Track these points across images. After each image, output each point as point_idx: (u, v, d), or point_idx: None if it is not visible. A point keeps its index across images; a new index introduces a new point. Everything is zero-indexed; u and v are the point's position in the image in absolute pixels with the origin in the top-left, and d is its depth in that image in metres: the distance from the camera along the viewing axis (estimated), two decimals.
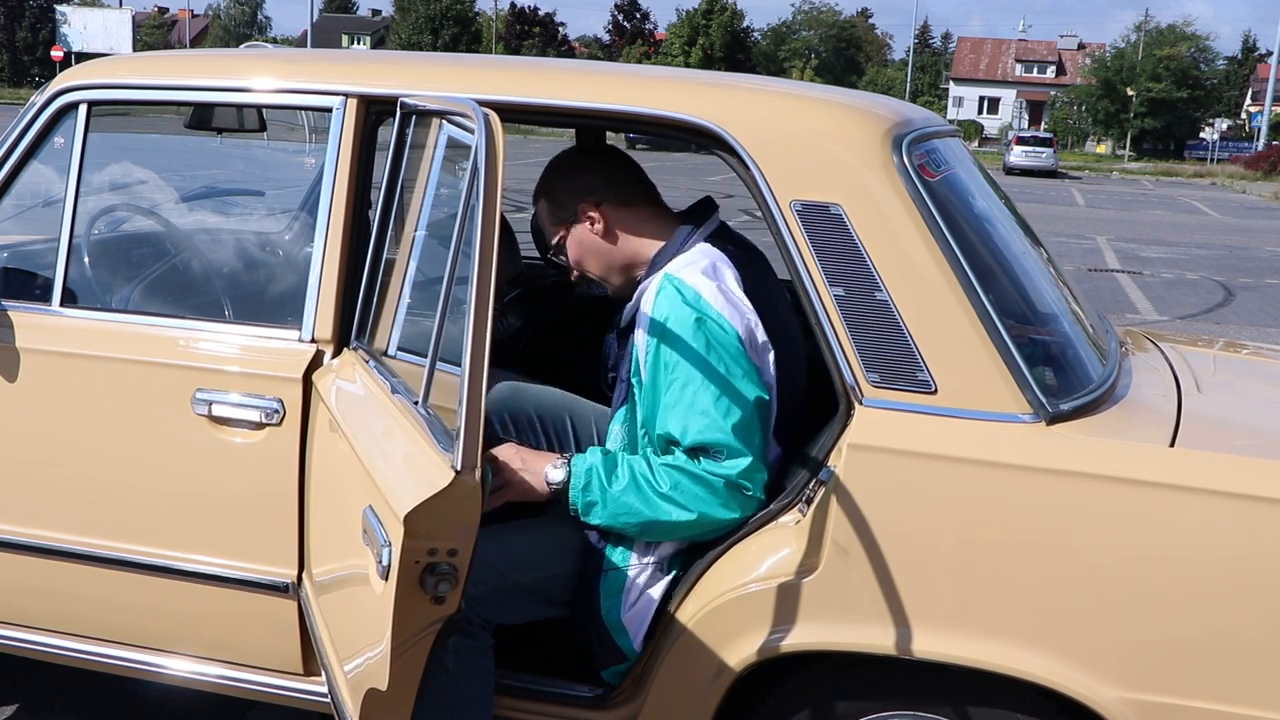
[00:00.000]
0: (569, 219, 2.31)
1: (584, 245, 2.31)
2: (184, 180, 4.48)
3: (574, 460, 2.13)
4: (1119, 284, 11.75)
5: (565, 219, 2.31)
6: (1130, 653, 1.88)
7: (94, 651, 2.49)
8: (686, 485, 2.04)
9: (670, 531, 2.10)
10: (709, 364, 2.05)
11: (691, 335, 2.06)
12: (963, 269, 1.98)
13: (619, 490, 2.07)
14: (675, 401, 2.06)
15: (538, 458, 2.18)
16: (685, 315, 2.07)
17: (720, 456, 2.04)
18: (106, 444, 2.39)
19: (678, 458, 2.07)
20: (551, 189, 2.34)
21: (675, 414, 2.06)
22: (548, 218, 2.36)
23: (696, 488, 2.04)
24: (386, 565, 1.63)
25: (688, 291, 2.09)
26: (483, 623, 2.11)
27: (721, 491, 2.04)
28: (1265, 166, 39.68)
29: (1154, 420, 2.11)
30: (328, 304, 2.29)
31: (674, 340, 2.08)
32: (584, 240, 2.31)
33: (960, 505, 1.92)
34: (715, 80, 2.36)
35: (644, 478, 2.07)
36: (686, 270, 2.14)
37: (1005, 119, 70.99)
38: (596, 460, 2.11)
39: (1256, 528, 1.83)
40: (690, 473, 2.05)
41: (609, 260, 2.31)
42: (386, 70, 2.43)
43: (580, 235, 2.31)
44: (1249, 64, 74.95)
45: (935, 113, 3.26)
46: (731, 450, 2.03)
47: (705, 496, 2.04)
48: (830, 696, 2.08)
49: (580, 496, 2.10)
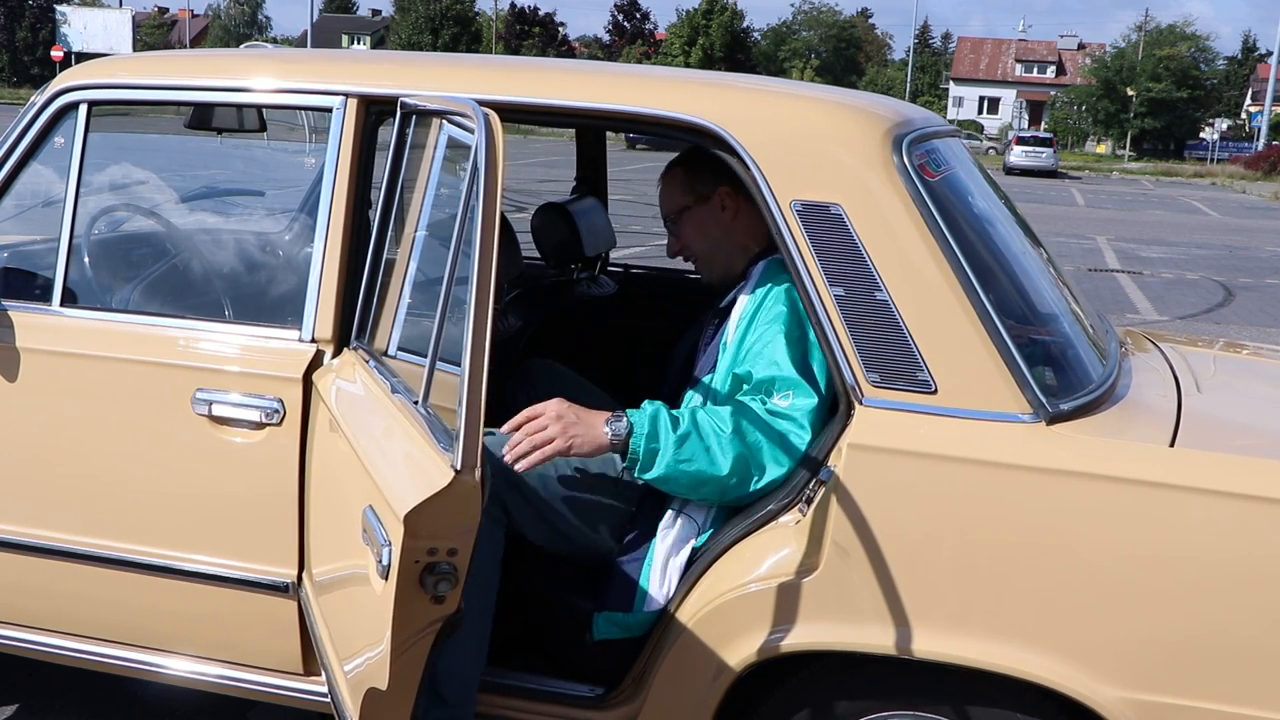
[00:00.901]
0: (704, 194, 2.37)
1: (705, 224, 2.39)
2: (184, 180, 4.48)
3: (632, 412, 2.10)
4: (1119, 284, 11.75)
5: (701, 193, 2.38)
6: (1130, 653, 1.88)
7: (94, 651, 2.49)
8: (746, 427, 2.06)
9: (720, 485, 2.06)
10: (793, 322, 2.13)
11: (784, 299, 2.15)
12: (963, 269, 1.98)
13: (681, 434, 2.05)
14: (755, 351, 2.13)
15: (592, 413, 2.11)
16: (783, 284, 2.17)
17: (786, 398, 2.08)
18: (107, 444, 2.39)
19: (747, 401, 2.11)
20: (696, 162, 2.38)
21: (751, 358, 2.13)
22: (681, 186, 2.42)
23: (755, 431, 2.07)
24: (386, 565, 1.64)
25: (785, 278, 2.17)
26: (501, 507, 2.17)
27: (775, 435, 2.06)
28: (1265, 166, 39.69)
29: (1154, 420, 2.11)
30: (328, 304, 2.29)
31: (766, 303, 2.18)
32: (708, 219, 2.39)
33: (960, 505, 1.92)
34: (715, 80, 2.36)
35: (706, 421, 2.07)
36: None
37: (1005, 119, 70.99)
38: (661, 407, 2.09)
39: (1256, 528, 1.83)
40: (752, 413, 2.08)
41: (720, 245, 2.39)
42: (386, 70, 2.43)
43: (707, 214, 2.38)
44: (1249, 64, 74.92)
45: (935, 113, 3.26)
46: (799, 390, 2.08)
47: (761, 439, 2.06)
48: (830, 696, 2.08)
49: (643, 444, 2.05)
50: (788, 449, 2.07)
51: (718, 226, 2.38)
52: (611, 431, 2.08)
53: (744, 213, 2.34)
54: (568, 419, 2.08)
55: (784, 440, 2.07)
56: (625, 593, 2.18)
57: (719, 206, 2.36)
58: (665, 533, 2.19)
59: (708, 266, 2.44)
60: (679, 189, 2.43)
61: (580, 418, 2.09)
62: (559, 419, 2.07)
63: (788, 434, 2.07)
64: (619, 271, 3.81)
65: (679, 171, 2.44)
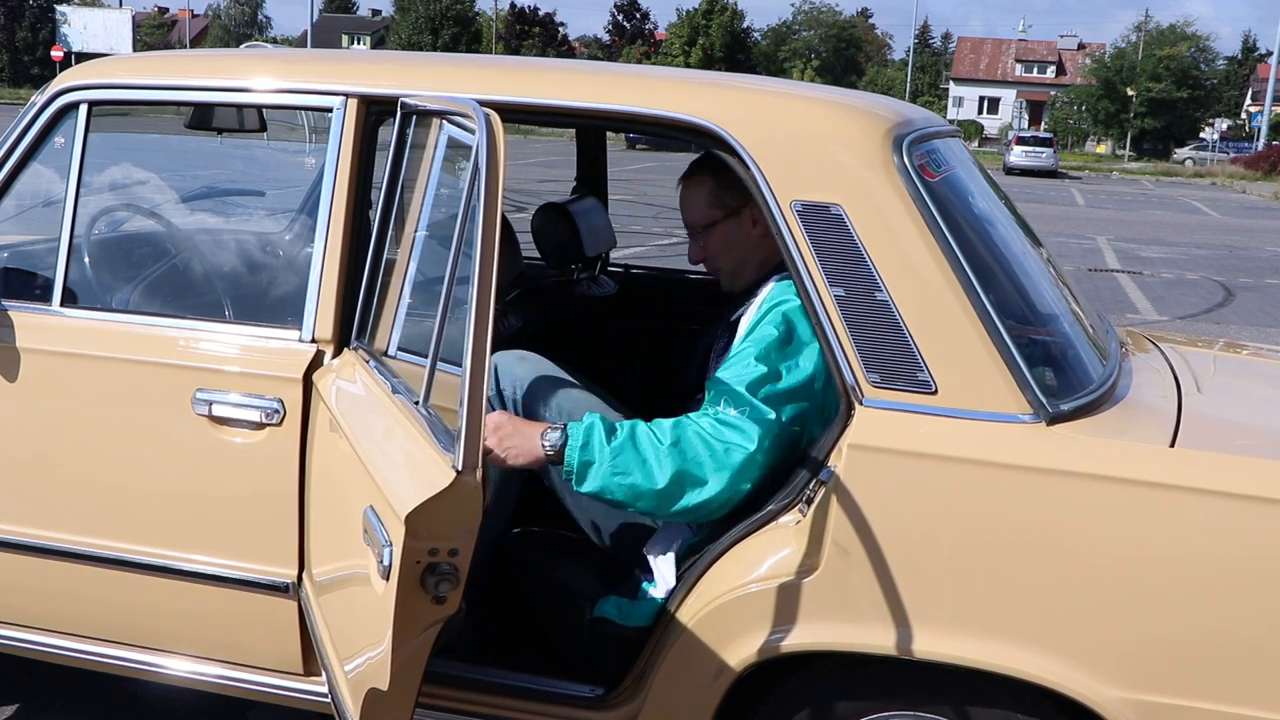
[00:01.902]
0: (734, 209, 2.33)
1: (734, 238, 2.35)
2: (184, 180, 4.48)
3: (570, 424, 2.10)
4: (1119, 284, 11.75)
5: (730, 206, 2.33)
6: (1130, 653, 1.88)
7: (94, 651, 2.49)
8: (688, 440, 2.05)
9: (657, 498, 2.05)
10: (773, 346, 2.10)
11: (779, 322, 2.13)
12: (963, 269, 1.98)
13: (616, 445, 2.05)
14: (729, 361, 2.13)
15: (530, 424, 2.15)
16: (784, 305, 2.14)
17: (739, 414, 2.06)
18: (107, 444, 2.39)
19: (693, 415, 2.09)
20: (726, 173, 2.27)
21: (723, 366, 2.12)
22: (709, 198, 2.36)
23: (697, 444, 2.04)
24: (388, 565, 1.64)
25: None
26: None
27: (719, 448, 2.04)
28: (1265, 166, 39.68)
29: (1154, 420, 2.11)
30: (328, 304, 2.29)
31: (762, 323, 2.15)
32: (736, 234, 2.35)
33: (960, 505, 1.92)
34: (715, 80, 2.36)
35: (646, 434, 2.06)
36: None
37: (1005, 119, 70.97)
38: (597, 419, 2.09)
39: (1256, 528, 1.83)
40: (697, 426, 2.06)
41: (746, 259, 2.36)
42: (386, 70, 2.43)
43: (735, 228, 2.34)
44: (1249, 64, 74.92)
45: (935, 113, 3.26)
46: (751, 410, 2.05)
47: (702, 453, 2.04)
48: (830, 696, 2.08)
49: (578, 455, 2.06)
50: (730, 464, 2.04)
51: (746, 242, 2.34)
52: (548, 443, 2.10)
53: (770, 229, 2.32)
54: (504, 430, 2.12)
55: (727, 454, 2.04)
56: (626, 581, 2.19)
57: (749, 221, 2.32)
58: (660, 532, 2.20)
59: (731, 280, 2.40)
60: (708, 200, 2.36)
61: (517, 429, 2.13)
62: (495, 430, 2.12)
63: (731, 447, 2.04)
64: (619, 271, 3.81)
65: (708, 180, 2.36)
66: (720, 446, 2.04)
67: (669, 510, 2.07)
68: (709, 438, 2.05)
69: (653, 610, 2.15)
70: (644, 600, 2.17)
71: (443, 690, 2.21)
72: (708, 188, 2.36)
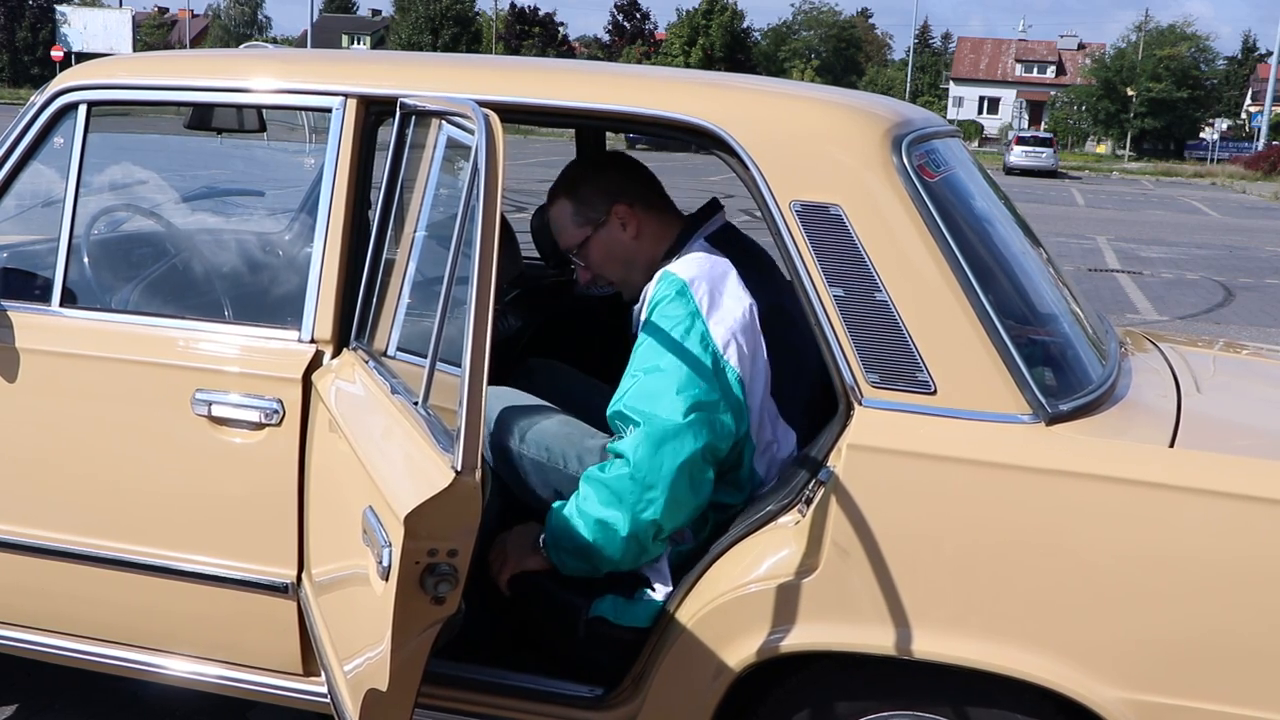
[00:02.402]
0: (599, 219, 2.32)
1: (611, 247, 2.33)
2: (184, 180, 4.48)
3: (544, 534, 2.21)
4: (1119, 284, 11.75)
5: (595, 219, 2.32)
6: (1130, 653, 1.88)
7: (94, 651, 2.49)
8: (593, 482, 2.11)
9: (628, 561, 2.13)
10: (668, 354, 2.11)
11: (669, 325, 2.12)
12: (962, 269, 1.98)
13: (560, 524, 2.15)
14: (628, 380, 2.13)
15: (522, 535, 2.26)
16: (668, 307, 2.14)
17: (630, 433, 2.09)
18: (106, 444, 2.39)
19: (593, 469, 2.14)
20: (579, 189, 2.32)
21: (622, 389, 2.13)
22: (572, 218, 2.35)
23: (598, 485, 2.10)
24: (387, 566, 1.63)
25: (675, 283, 2.15)
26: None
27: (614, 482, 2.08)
28: (1265, 166, 39.67)
29: (1154, 421, 2.11)
30: (327, 304, 2.29)
31: (652, 328, 2.14)
32: (612, 242, 2.33)
33: (960, 506, 1.92)
34: (715, 80, 2.36)
35: (571, 504, 2.14)
36: (679, 265, 2.20)
37: (1005, 119, 70.96)
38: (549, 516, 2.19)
39: (1256, 528, 1.83)
40: (595, 475, 2.11)
41: (633, 261, 2.34)
42: (386, 70, 2.43)
43: (609, 237, 2.33)
44: (1249, 64, 74.90)
45: (935, 113, 3.26)
46: (646, 419, 2.07)
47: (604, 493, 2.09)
48: (830, 696, 2.08)
49: (553, 555, 2.19)
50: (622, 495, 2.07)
51: (624, 245, 2.32)
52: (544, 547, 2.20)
53: (646, 224, 2.31)
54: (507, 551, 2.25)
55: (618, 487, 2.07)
56: (623, 581, 2.21)
57: (618, 225, 2.31)
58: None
59: (628, 288, 2.37)
60: (570, 222, 2.35)
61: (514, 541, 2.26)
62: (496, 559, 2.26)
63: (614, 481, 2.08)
64: None
65: (563, 205, 2.36)
66: (606, 492, 2.08)
67: (648, 556, 2.15)
68: (599, 487, 2.10)
69: (651, 611, 2.15)
70: (642, 600, 2.17)
71: (442, 690, 2.21)
72: (568, 209, 2.36)
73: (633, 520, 2.07)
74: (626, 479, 2.07)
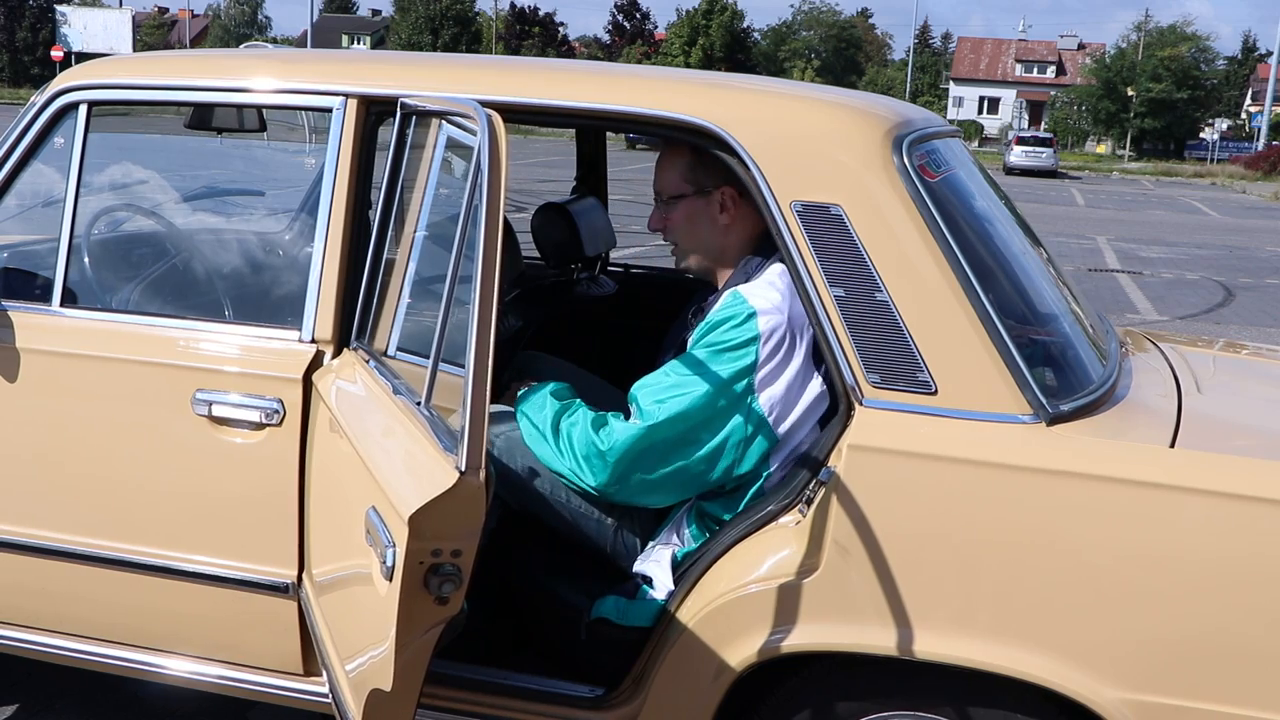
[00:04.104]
0: (705, 187, 2.30)
1: (699, 219, 2.33)
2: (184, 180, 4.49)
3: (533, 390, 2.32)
4: (1119, 284, 11.76)
5: (702, 185, 2.31)
6: (1130, 653, 1.88)
7: (94, 651, 2.49)
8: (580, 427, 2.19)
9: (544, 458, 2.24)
10: (704, 383, 2.10)
11: (721, 352, 2.11)
12: (963, 269, 1.98)
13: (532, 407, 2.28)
14: (663, 373, 2.16)
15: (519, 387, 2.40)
16: (728, 332, 2.12)
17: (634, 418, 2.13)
18: (107, 444, 2.39)
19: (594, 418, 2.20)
20: (706, 154, 2.24)
21: (654, 376, 2.17)
22: (684, 172, 2.33)
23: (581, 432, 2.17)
24: (390, 566, 1.64)
25: (743, 309, 2.13)
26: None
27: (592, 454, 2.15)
28: (1265, 166, 39.67)
29: (1154, 421, 2.11)
30: (328, 304, 2.29)
31: (706, 344, 2.14)
32: (703, 214, 2.32)
33: (960, 506, 1.92)
34: (715, 80, 2.36)
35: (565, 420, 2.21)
36: (752, 289, 2.18)
37: (1005, 119, 70.98)
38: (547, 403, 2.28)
39: (1256, 528, 1.83)
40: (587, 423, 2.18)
41: (708, 243, 2.34)
42: (386, 70, 2.43)
43: (705, 209, 2.32)
44: (1249, 64, 74.92)
45: (935, 113, 3.26)
46: (647, 419, 2.11)
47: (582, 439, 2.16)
48: (830, 697, 2.08)
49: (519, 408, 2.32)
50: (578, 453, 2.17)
51: (710, 226, 2.31)
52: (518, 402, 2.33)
53: (740, 221, 2.29)
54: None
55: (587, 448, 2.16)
56: (625, 581, 2.21)
57: (717, 206, 2.30)
58: (661, 534, 2.22)
59: (683, 258, 2.38)
60: (680, 173, 2.33)
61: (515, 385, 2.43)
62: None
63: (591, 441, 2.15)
64: (619, 271, 3.81)
65: (687, 153, 2.32)
66: (583, 440, 2.16)
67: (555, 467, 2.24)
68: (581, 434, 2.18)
69: (652, 611, 2.15)
70: (643, 601, 2.17)
71: (443, 690, 2.21)
72: (685, 160, 2.33)
73: (574, 470, 2.19)
74: (594, 448, 2.15)
